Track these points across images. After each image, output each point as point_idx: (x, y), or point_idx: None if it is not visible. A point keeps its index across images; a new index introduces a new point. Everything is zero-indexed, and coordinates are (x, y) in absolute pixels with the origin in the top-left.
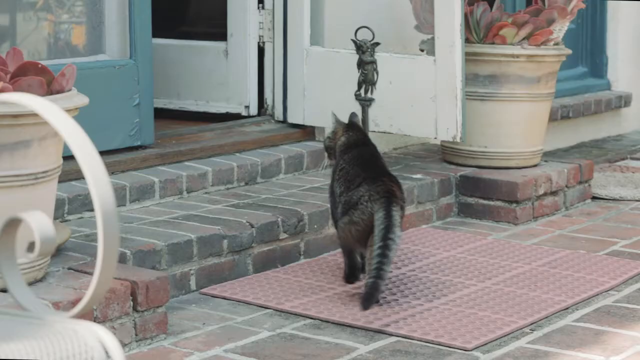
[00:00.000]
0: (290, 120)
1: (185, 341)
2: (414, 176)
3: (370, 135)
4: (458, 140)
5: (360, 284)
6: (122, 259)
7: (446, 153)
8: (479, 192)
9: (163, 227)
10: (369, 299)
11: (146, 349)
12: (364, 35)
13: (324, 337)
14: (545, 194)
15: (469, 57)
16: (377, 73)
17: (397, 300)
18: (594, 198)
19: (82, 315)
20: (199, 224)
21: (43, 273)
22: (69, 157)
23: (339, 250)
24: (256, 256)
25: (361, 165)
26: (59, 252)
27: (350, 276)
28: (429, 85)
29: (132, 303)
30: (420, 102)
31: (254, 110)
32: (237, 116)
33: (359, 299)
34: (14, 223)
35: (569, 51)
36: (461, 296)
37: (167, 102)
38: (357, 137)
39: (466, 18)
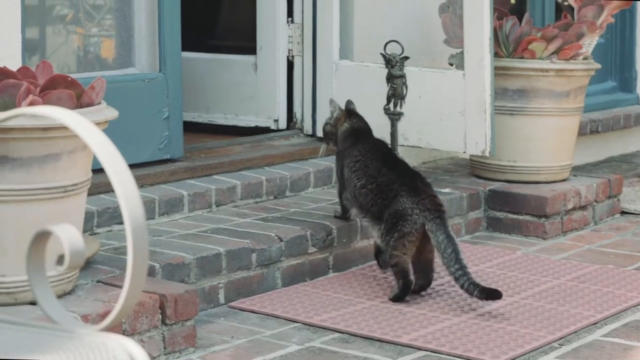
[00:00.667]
0: (319, 134)
1: (214, 355)
2: (443, 190)
3: (399, 150)
4: (487, 154)
5: (384, 297)
6: (151, 272)
7: (475, 167)
8: (508, 206)
9: (192, 241)
10: (494, 291)
11: None
12: (393, 49)
13: (352, 351)
14: (574, 209)
15: (498, 72)
16: (406, 87)
17: (425, 314)
18: (623, 213)
19: (111, 328)
20: (228, 238)
21: (72, 286)
22: (98, 170)
23: (368, 264)
24: (285, 270)
25: (383, 161)
26: (88, 264)
27: (402, 297)
28: (458, 99)
29: (160, 316)
30: (449, 116)
31: (283, 124)
32: (266, 130)
33: (489, 299)
34: (43, 236)
35: (598, 66)
36: (490, 310)
37: (196, 115)
38: (360, 125)
39: (495, 32)
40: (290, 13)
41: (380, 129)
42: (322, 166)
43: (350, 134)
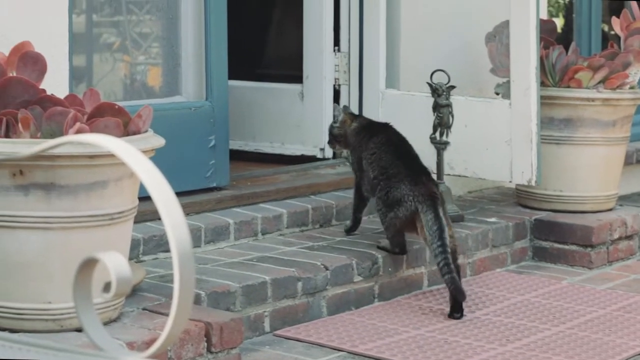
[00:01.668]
0: None
1: None
2: (489, 220)
3: (446, 179)
4: (533, 183)
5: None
6: (197, 300)
7: (521, 197)
8: (554, 236)
9: (238, 269)
10: (461, 291)
11: None
12: (439, 78)
13: None
14: (620, 238)
15: (545, 101)
16: (452, 116)
17: (471, 344)
18: None
19: (157, 356)
20: (274, 266)
21: (118, 313)
22: (144, 198)
23: (414, 293)
24: (330, 298)
25: (394, 153)
26: (133, 292)
27: (390, 252)
28: (504, 128)
29: (206, 344)
30: (495, 146)
31: (329, 152)
32: (312, 158)
33: (453, 292)
34: (90, 263)
35: None
36: (535, 340)
37: (242, 144)
38: (369, 121)
39: (542, 61)
40: (337, 42)
41: (426, 157)
42: None
43: (361, 129)
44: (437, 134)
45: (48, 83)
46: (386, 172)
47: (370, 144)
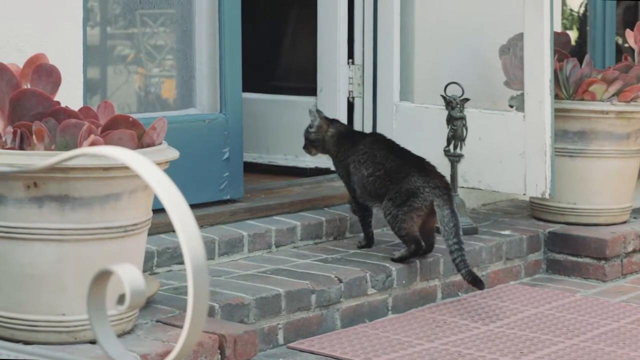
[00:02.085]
0: None
1: None
2: (503, 232)
3: (459, 191)
4: (547, 196)
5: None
6: (211, 312)
7: (535, 209)
8: (568, 248)
9: (251, 281)
10: (479, 281)
11: None
12: (453, 91)
13: None
14: (634, 251)
15: (558, 113)
16: (466, 129)
17: (484, 356)
18: None
19: None
20: (288, 279)
21: (131, 325)
22: (158, 210)
23: (427, 306)
24: (344, 311)
25: (387, 149)
26: (147, 304)
27: (408, 258)
28: (518, 141)
29: (219, 356)
30: (509, 158)
31: None
32: (326, 171)
33: (472, 284)
34: (104, 275)
35: None
36: (549, 353)
37: (256, 156)
38: (347, 127)
39: (555, 74)
40: (350, 54)
41: (440, 170)
42: None
43: (342, 138)
44: (451, 147)
45: (62, 95)
46: (383, 167)
47: (358, 147)
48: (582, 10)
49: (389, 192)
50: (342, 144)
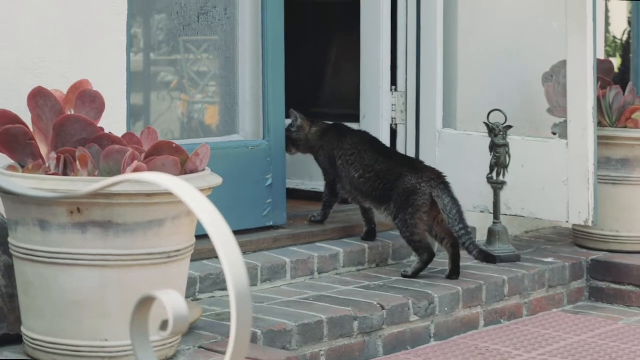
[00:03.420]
0: None
1: None
2: (546, 260)
3: (502, 219)
4: (590, 224)
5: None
6: (253, 338)
7: (577, 237)
8: (611, 276)
9: (294, 308)
10: (492, 256)
11: None
12: (496, 118)
13: None
14: None
15: (601, 141)
16: (509, 156)
17: None
18: None
19: None
20: (330, 305)
21: (174, 351)
22: (200, 236)
23: (470, 333)
24: (386, 338)
25: (374, 150)
26: (190, 330)
27: (422, 270)
28: (561, 168)
29: None
30: (552, 186)
31: None
32: None
33: (485, 261)
34: (147, 301)
35: None
36: None
37: (299, 182)
38: (330, 124)
39: (599, 101)
40: (394, 81)
41: (482, 197)
42: None
43: (325, 131)
44: (494, 174)
45: (106, 121)
46: (373, 169)
47: (345, 145)
48: (625, 37)
49: (388, 196)
50: (327, 135)
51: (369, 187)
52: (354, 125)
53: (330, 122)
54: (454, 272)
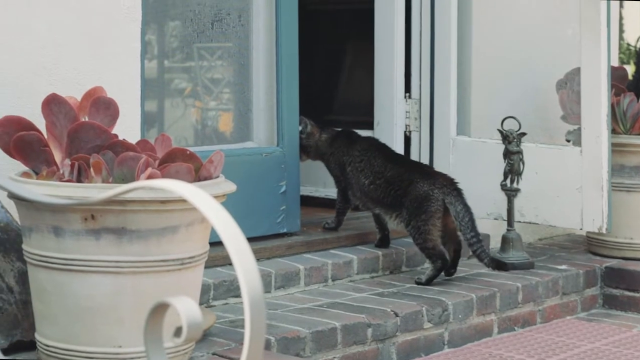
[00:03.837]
0: None
1: None
2: (559, 267)
3: (516, 226)
4: (604, 231)
5: None
6: (267, 345)
7: (591, 244)
8: (625, 283)
9: (308, 315)
10: (504, 264)
11: None
12: (510, 125)
13: None
14: None
15: (615, 148)
16: (523, 163)
17: None
18: None
19: None
20: (344, 312)
21: (188, 358)
22: (214, 243)
23: (484, 340)
24: (400, 345)
25: (383, 157)
26: (203, 337)
27: (436, 277)
28: (575, 176)
29: None
30: (565, 193)
31: None
32: None
33: (497, 269)
34: (161, 308)
35: None
36: None
37: (313, 190)
38: (339, 131)
39: (613, 109)
40: (407, 88)
41: (496, 204)
42: None
43: (335, 138)
44: (508, 181)
45: (120, 128)
46: (383, 176)
47: (354, 151)
48: (639, 44)
49: (400, 203)
50: (337, 142)
51: (380, 193)
52: (367, 133)
53: (340, 129)
54: (451, 267)
